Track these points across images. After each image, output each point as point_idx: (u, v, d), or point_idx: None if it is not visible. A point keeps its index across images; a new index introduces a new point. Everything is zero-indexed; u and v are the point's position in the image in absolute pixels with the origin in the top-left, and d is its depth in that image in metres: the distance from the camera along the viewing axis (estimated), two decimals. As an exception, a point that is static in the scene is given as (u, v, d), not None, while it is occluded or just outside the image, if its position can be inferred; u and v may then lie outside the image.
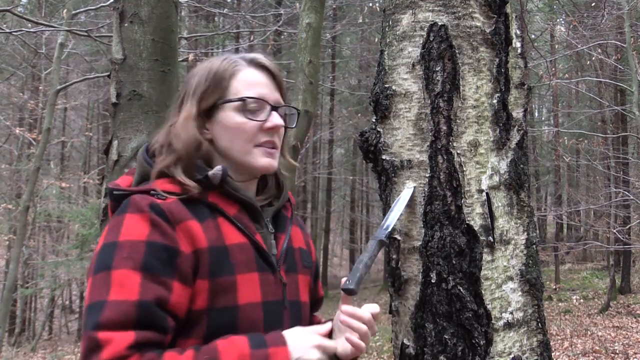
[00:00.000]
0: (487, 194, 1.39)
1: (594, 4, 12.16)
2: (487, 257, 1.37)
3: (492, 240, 1.38)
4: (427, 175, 1.39)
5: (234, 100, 1.25)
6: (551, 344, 2.45)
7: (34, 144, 13.45)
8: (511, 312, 1.39)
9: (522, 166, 1.46)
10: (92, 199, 17.09)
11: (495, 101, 1.43)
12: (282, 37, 14.92)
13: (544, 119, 24.07)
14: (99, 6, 7.79)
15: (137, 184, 1.25)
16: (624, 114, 13.86)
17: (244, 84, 1.26)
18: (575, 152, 16.12)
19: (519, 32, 1.52)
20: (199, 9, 12.31)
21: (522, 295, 1.41)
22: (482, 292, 1.35)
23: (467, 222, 1.36)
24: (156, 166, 1.24)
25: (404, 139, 1.44)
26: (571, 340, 10.00)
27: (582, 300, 14.35)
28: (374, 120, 1.51)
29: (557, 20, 16.53)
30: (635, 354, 8.91)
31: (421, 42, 1.42)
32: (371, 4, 15.52)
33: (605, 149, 13.29)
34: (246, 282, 1.18)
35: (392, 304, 1.49)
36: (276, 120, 1.25)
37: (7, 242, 16.45)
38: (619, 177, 12.62)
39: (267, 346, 1.09)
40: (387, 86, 1.47)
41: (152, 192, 1.18)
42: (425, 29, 1.42)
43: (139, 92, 2.21)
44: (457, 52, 1.40)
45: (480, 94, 1.41)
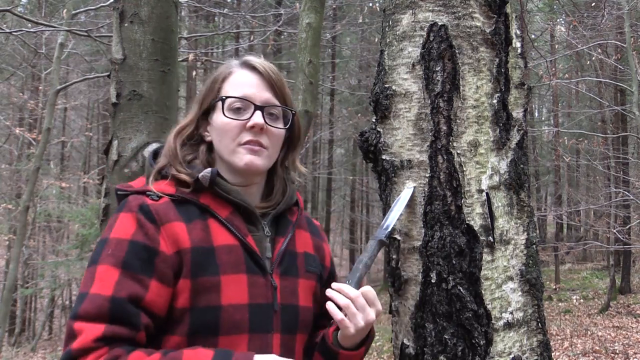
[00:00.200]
0: (487, 194, 1.39)
1: (594, 4, 12.16)
2: (487, 257, 1.37)
3: (492, 240, 1.38)
4: (427, 175, 1.39)
5: (217, 100, 1.29)
6: (551, 344, 2.45)
7: (34, 144, 13.45)
8: (511, 312, 1.39)
9: (522, 166, 1.46)
10: (92, 199, 17.09)
11: (495, 101, 1.43)
12: (282, 37, 14.91)
13: (544, 119, 24.07)
14: (99, 6, 7.78)
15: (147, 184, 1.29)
16: (624, 114, 13.86)
17: (232, 85, 1.30)
18: (575, 152, 16.12)
19: (519, 32, 1.52)
20: (199, 9, 12.30)
21: (522, 295, 1.41)
22: (482, 292, 1.35)
23: (467, 222, 1.36)
24: (155, 167, 1.28)
25: (404, 139, 1.44)
26: (571, 340, 10.00)
27: (582, 300, 14.36)
28: (374, 120, 1.51)
29: (557, 20, 16.53)
30: (635, 354, 8.91)
31: (421, 42, 1.42)
32: (371, 4, 15.52)
33: (605, 149, 13.30)
34: (231, 283, 1.19)
35: (392, 304, 1.49)
36: (256, 119, 1.26)
37: (7, 242, 16.45)
38: (619, 177, 12.63)
39: None
40: (387, 86, 1.47)
41: (147, 193, 1.22)
42: (425, 29, 1.42)
43: (139, 92, 2.21)
44: (457, 52, 1.40)
45: (480, 94, 1.41)
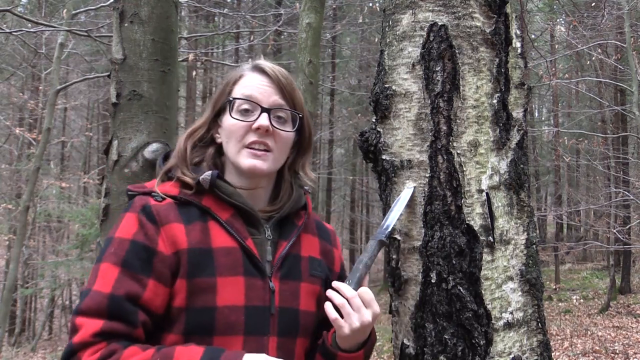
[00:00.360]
0: (487, 194, 1.39)
1: (594, 4, 12.16)
2: (487, 257, 1.37)
3: (492, 240, 1.38)
4: (427, 175, 1.39)
5: (225, 102, 1.32)
6: (551, 344, 2.45)
7: (34, 144, 13.44)
8: (511, 312, 1.39)
9: (522, 166, 1.46)
10: (92, 199, 17.08)
11: (495, 101, 1.43)
12: (282, 37, 14.92)
13: (544, 119, 24.07)
14: (99, 6, 7.78)
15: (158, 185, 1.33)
16: (624, 114, 13.86)
17: (242, 88, 1.32)
18: (575, 152, 16.12)
19: (519, 32, 1.52)
20: (199, 9, 12.30)
21: (522, 295, 1.41)
22: (482, 292, 1.35)
23: (467, 222, 1.36)
24: (163, 168, 1.32)
25: (404, 139, 1.44)
26: (571, 340, 10.01)
27: (582, 300, 14.36)
28: (374, 120, 1.51)
29: (557, 20, 16.53)
30: (635, 354, 8.91)
31: (421, 42, 1.42)
32: (371, 4, 15.51)
33: (605, 149, 13.30)
34: (228, 285, 1.20)
35: (392, 304, 1.49)
36: (262, 120, 1.28)
37: (7, 242, 16.45)
38: (619, 177, 12.63)
39: None
40: (387, 86, 1.47)
41: (152, 194, 1.25)
42: (425, 29, 1.42)
43: (139, 92, 2.21)
44: (457, 52, 1.40)
45: (480, 94, 1.41)
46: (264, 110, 1.29)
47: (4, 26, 8.70)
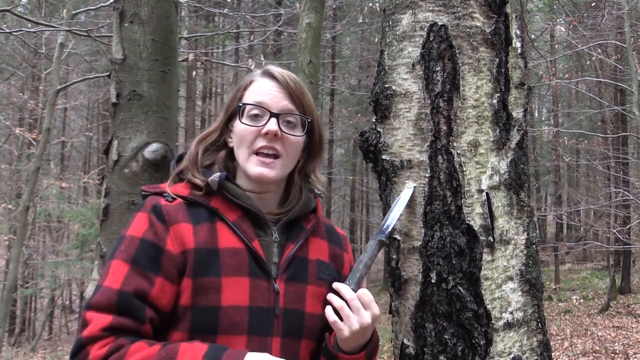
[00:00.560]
0: (487, 194, 1.39)
1: (594, 4, 12.16)
2: (487, 257, 1.37)
3: (492, 240, 1.38)
4: (427, 175, 1.39)
5: (236, 107, 1.35)
6: (551, 344, 2.45)
7: (34, 144, 13.44)
8: (511, 312, 1.39)
9: (522, 166, 1.46)
10: (92, 199, 17.09)
11: (495, 101, 1.43)
12: (282, 37, 14.92)
13: (544, 119, 24.07)
14: (99, 6, 7.78)
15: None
16: (624, 114, 13.86)
17: (252, 93, 1.35)
18: (575, 152, 16.12)
19: (519, 32, 1.52)
20: (199, 9, 12.30)
21: (522, 295, 1.41)
22: (482, 292, 1.35)
23: (467, 222, 1.36)
24: (175, 170, 1.36)
25: (404, 139, 1.44)
26: (571, 340, 10.01)
27: (582, 300, 14.36)
28: (374, 120, 1.51)
29: (557, 20, 16.53)
30: (635, 354, 8.92)
31: (421, 42, 1.42)
32: (371, 4, 15.51)
33: (605, 149, 13.30)
34: (233, 285, 1.22)
35: (392, 304, 1.49)
36: (270, 125, 1.30)
37: (7, 242, 16.45)
38: (619, 177, 12.63)
39: (221, 358, 1.12)
40: (387, 86, 1.47)
41: (164, 195, 1.29)
42: (425, 29, 1.42)
43: (139, 92, 2.21)
44: (457, 52, 1.40)
45: (480, 94, 1.41)
46: (272, 115, 1.31)
47: (4, 26, 8.70)
